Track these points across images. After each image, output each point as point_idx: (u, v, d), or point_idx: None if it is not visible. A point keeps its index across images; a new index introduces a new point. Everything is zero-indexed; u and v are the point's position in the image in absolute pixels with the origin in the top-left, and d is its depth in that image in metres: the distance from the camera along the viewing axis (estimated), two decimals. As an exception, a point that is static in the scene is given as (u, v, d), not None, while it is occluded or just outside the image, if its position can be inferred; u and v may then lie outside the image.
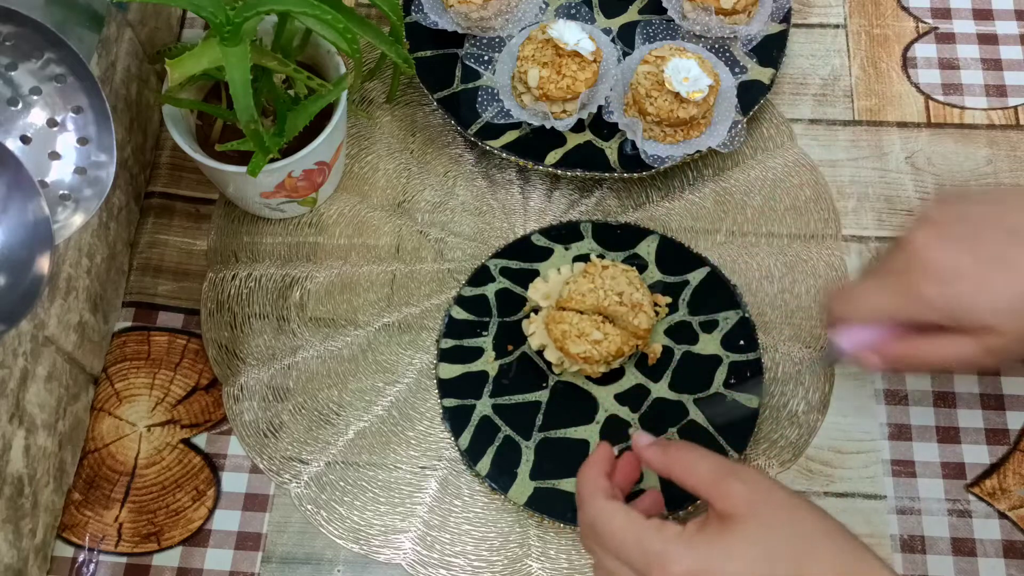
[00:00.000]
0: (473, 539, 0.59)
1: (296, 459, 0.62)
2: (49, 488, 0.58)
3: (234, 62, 0.53)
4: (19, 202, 0.45)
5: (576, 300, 0.59)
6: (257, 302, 0.66)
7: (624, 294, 0.59)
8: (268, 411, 0.63)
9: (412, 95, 0.74)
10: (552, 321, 0.59)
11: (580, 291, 0.59)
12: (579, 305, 0.59)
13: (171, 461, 0.62)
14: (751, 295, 0.66)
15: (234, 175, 0.60)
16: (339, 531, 0.60)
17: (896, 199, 0.70)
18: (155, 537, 0.60)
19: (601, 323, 0.59)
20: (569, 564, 0.58)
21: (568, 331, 0.59)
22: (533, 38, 0.68)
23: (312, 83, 0.60)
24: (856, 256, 0.67)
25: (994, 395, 0.63)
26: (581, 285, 0.60)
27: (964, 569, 0.58)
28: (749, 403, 0.60)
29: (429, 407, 0.63)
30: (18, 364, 0.53)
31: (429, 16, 0.72)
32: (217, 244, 0.69)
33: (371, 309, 0.66)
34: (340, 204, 0.70)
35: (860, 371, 0.63)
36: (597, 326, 0.59)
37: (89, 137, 0.51)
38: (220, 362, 0.64)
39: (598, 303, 0.59)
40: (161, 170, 0.72)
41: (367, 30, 0.57)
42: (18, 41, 0.48)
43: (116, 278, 0.66)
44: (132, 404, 0.63)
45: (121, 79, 0.65)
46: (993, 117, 0.72)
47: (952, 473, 0.60)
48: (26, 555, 0.56)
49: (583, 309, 0.59)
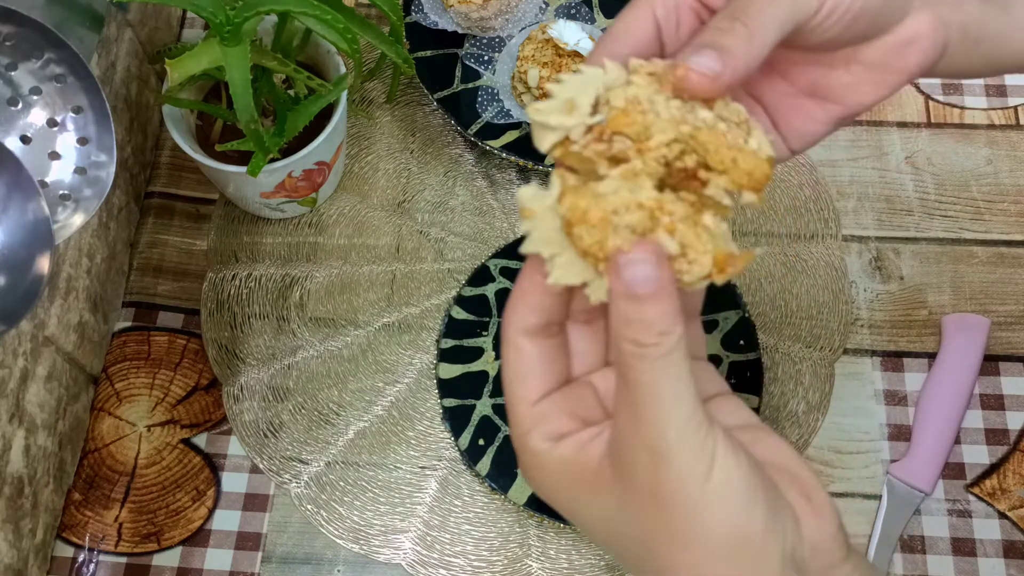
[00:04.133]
0: (473, 539, 0.59)
1: (296, 459, 0.62)
2: (49, 488, 0.58)
3: (234, 62, 0.53)
4: (19, 202, 0.45)
5: (636, 126, 0.29)
6: (257, 302, 0.66)
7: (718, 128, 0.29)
8: (268, 411, 0.63)
9: (412, 95, 0.74)
10: (574, 195, 0.29)
11: (639, 111, 0.29)
12: (640, 145, 0.29)
13: (171, 461, 0.62)
14: (751, 295, 0.66)
15: (234, 175, 0.60)
16: (339, 531, 0.60)
17: (896, 199, 0.70)
18: (155, 537, 0.60)
19: (672, 201, 0.29)
20: (569, 564, 0.58)
21: (610, 203, 0.29)
22: (533, 38, 0.68)
23: (312, 83, 0.60)
24: (856, 256, 0.67)
25: (994, 395, 0.63)
26: (639, 96, 0.29)
27: (964, 569, 0.58)
28: (749, 403, 0.60)
29: (429, 407, 0.63)
30: (18, 364, 0.53)
31: (429, 16, 0.72)
32: (217, 244, 0.69)
33: (371, 309, 0.66)
34: (340, 204, 0.70)
35: (859, 371, 0.63)
36: (664, 208, 0.29)
37: (89, 137, 0.51)
38: (220, 362, 0.64)
39: (685, 138, 0.29)
40: (161, 170, 0.72)
41: (367, 30, 0.57)
42: (18, 41, 0.48)
43: (116, 278, 0.66)
44: (132, 404, 0.63)
45: (121, 79, 0.65)
46: (993, 117, 0.72)
47: (952, 473, 0.60)
48: (26, 555, 0.55)
49: (647, 155, 0.29)
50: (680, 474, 0.28)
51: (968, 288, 0.66)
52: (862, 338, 0.65)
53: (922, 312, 0.66)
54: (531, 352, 0.31)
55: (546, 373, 0.32)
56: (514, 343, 0.32)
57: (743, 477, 0.28)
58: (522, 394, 0.32)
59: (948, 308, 0.66)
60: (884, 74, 0.35)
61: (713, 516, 0.28)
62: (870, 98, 0.36)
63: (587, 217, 0.28)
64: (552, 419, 0.31)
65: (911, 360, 0.64)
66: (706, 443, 0.28)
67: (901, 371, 0.64)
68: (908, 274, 0.67)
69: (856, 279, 0.67)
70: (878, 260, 0.67)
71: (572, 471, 0.31)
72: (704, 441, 0.28)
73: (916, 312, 0.66)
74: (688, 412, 0.28)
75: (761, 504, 0.28)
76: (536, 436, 0.31)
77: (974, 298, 0.66)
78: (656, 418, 0.28)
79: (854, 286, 0.66)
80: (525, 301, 0.31)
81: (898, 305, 0.66)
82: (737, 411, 0.33)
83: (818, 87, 0.36)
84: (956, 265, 0.67)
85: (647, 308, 0.27)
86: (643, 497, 0.29)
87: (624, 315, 0.28)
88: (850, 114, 0.36)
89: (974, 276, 0.67)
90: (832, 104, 0.36)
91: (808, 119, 0.36)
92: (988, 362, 0.63)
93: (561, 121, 0.29)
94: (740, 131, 0.30)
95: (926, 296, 0.66)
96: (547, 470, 0.32)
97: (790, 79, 0.36)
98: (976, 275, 0.67)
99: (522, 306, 0.31)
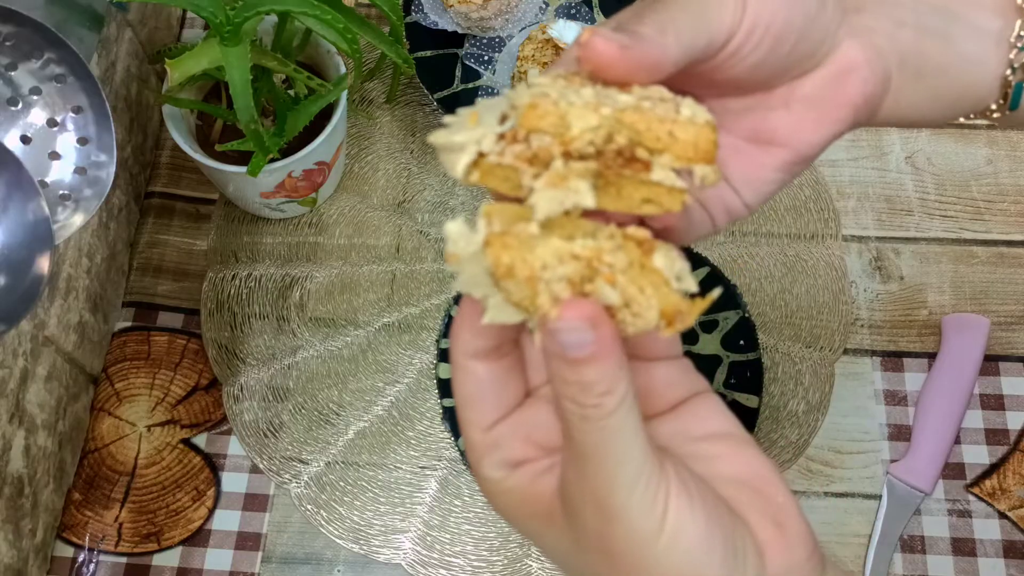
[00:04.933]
0: (473, 539, 0.59)
1: (296, 459, 0.62)
2: (49, 488, 0.58)
3: (234, 62, 0.53)
4: (19, 202, 0.45)
5: (551, 116, 0.26)
6: (257, 302, 0.66)
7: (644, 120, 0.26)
8: (268, 411, 0.63)
9: (412, 95, 0.74)
10: (500, 244, 0.25)
11: (551, 102, 0.26)
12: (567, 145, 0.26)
13: (171, 461, 0.62)
14: (751, 295, 0.66)
15: (234, 175, 0.60)
16: (339, 531, 0.60)
17: (896, 199, 0.69)
18: (155, 537, 0.60)
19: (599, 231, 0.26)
20: (569, 564, 0.58)
21: (539, 257, 0.25)
22: (533, 38, 0.68)
23: (312, 83, 0.60)
24: (856, 256, 0.67)
25: (994, 395, 0.63)
26: (546, 91, 0.26)
27: (964, 569, 0.58)
28: (749, 403, 0.60)
29: (429, 407, 0.63)
30: (18, 364, 0.53)
31: (429, 16, 0.72)
32: (217, 244, 0.69)
33: (371, 309, 0.66)
34: (340, 204, 0.70)
35: (859, 371, 0.63)
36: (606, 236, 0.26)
37: (89, 137, 0.51)
38: (220, 362, 0.64)
39: (612, 134, 0.26)
40: (161, 170, 0.72)
41: (367, 30, 0.57)
42: (18, 41, 0.48)
43: (116, 278, 0.66)
44: (132, 404, 0.63)
45: (121, 79, 0.65)
46: (993, 117, 0.72)
47: (952, 473, 0.60)
48: (26, 555, 0.55)
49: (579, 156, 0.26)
50: (629, 532, 0.27)
51: (968, 288, 0.66)
52: (862, 338, 0.65)
53: (922, 312, 0.66)
54: (481, 375, 0.29)
55: (498, 397, 0.30)
56: (462, 367, 0.30)
57: (697, 528, 0.27)
58: (473, 419, 0.30)
59: (948, 308, 0.66)
60: (826, 109, 0.33)
61: (665, 570, 0.27)
62: (815, 137, 0.33)
63: (513, 273, 0.25)
64: (505, 446, 0.29)
65: (911, 360, 0.64)
66: (657, 498, 0.27)
67: (901, 371, 0.64)
68: (908, 274, 0.67)
69: (856, 279, 0.67)
70: (878, 260, 0.67)
71: (525, 503, 0.29)
72: (655, 497, 0.26)
73: (916, 312, 0.66)
74: (635, 471, 0.26)
75: (718, 550, 0.27)
76: (488, 464, 0.29)
77: (974, 298, 0.66)
78: (601, 479, 0.26)
79: (854, 286, 0.66)
80: (470, 326, 0.29)
81: (898, 305, 0.66)
82: (714, 416, 0.31)
83: (760, 132, 0.34)
84: (956, 265, 0.67)
85: (584, 371, 0.25)
86: (593, 546, 0.28)
87: (560, 376, 0.26)
88: (799, 157, 0.34)
89: (974, 276, 0.67)
90: (777, 148, 0.34)
91: (756, 166, 0.34)
92: (988, 362, 0.63)
93: (468, 135, 0.26)
94: (668, 105, 0.26)
95: (926, 296, 0.66)
96: (501, 499, 0.30)
97: (728, 127, 0.34)
98: (976, 275, 0.67)
99: (467, 332, 0.29)
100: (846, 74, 0.33)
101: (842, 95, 0.33)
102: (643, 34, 0.28)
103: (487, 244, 0.25)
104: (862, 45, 0.33)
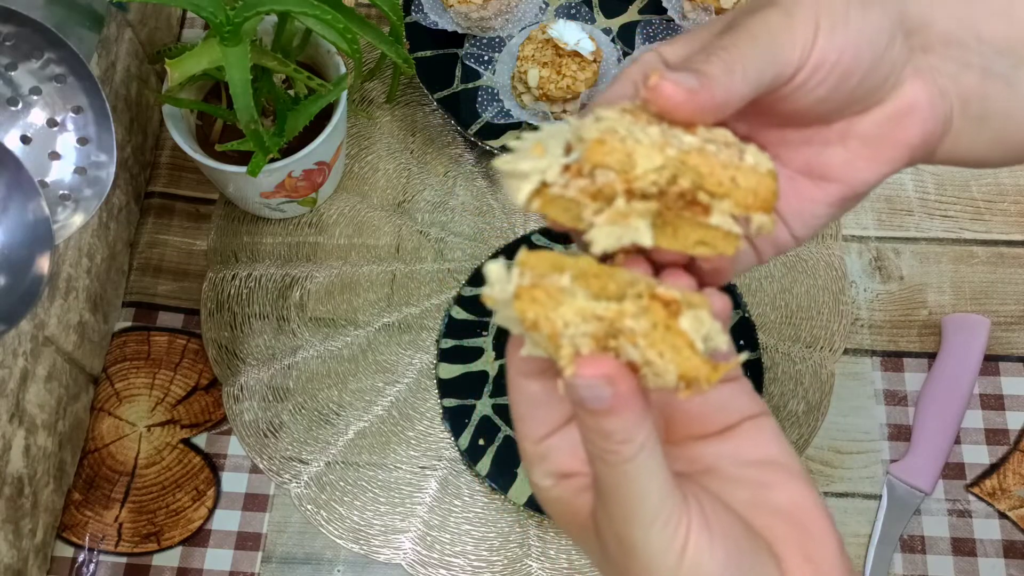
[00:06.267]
0: (473, 539, 0.59)
1: (296, 459, 0.62)
2: (49, 488, 0.58)
3: (234, 62, 0.53)
4: (19, 202, 0.45)
5: (617, 154, 0.26)
6: (257, 302, 0.66)
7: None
8: (268, 411, 0.63)
9: (412, 95, 0.74)
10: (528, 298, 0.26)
11: (618, 139, 0.26)
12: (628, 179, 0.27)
13: (171, 461, 0.62)
14: (751, 295, 0.66)
15: (234, 175, 0.60)
16: (339, 531, 0.60)
17: (896, 199, 0.69)
18: (155, 537, 0.60)
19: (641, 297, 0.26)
20: (569, 564, 0.58)
21: (561, 316, 0.26)
22: (533, 38, 0.68)
23: (312, 83, 0.60)
24: (856, 256, 0.67)
25: (994, 395, 0.63)
26: (614, 126, 0.27)
27: (964, 569, 0.58)
28: (749, 403, 0.60)
29: (429, 407, 0.63)
30: (18, 364, 0.53)
31: (429, 16, 0.72)
32: (217, 244, 0.69)
33: (371, 309, 0.66)
34: (340, 204, 0.70)
35: (859, 371, 0.63)
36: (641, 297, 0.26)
37: (89, 137, 0.51)
38: (220, 362, 0.64)
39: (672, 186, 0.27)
40: (161, 170, 0.72)
41: (367, 30, 0.57)
42: (18, 41, 0.48)
43: (116, 278, 0.66)
44: (132, 404, 0.63)
45: (121, 79, 0.65)
46: (993, 117, 0.72)
47: (952, 473, 0.60)
48: (26, 555, 0.55)
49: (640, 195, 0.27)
50: (647, 565, 0.27)
51: (968, 288, 0.66)
52: (862, 338, 0.65)
53: (922, 312, 0.66)
54: (532, 392, 0.31)
55: (548, 413, 0.31)
56: (515, 384, 0.31)
57: (716, 563, 0.27)
58: (525, 432, 0.31)
59: (948, 308, 0.66)
60: (882, 148, 0.33)
61: None
62: (869, 175, 0.33)
63: (537, 327, 0.26)
64: (553, 458, 0.31)
65: (911, 360, 0.64)
66: (676, 534, 0.27)
67: (901, 371, 0.64)
68: (908, 274, 0.67)
69: (856, 279, 0.67)
70: (878, 260, 0.67)
71: (568, 512, 0.31)
72: (674, 533, 0.27)
73: (916, 312, 0.66)
74: (653, 510, 0.27)
75: None
76: (538, 473, 0.31)
77: (974, 298, 0.66)
78: (620, 516, 0.27)
79: (854, 286, 0.66)
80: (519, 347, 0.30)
81: (898, 305, 0.66)
82: (765, 442, 0.31)
83: (814, 166, 0.34)
84: (956, 265, 0.67)
85: (602, 422, 0.26)
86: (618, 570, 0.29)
87: (581, 420, 0.27)
88: (852, 194, 0.34)
89: (974, 276, 0.67)
90: (829, 183, 0.33)
91: (807, 201, 0.34)
92: (988, 362, 0.63)
93: (534, 164, 0.26)
94: (732, 151, 0.27)
95: (926, 296, 0.66)
96: (550, 505, 0.32)
97: (784, 160, 0.34)
98: (976, 275, 0.67)
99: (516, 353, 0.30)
100: (907, 114, 0.32)
101: (901, 135, 0.33)
102: (710, 75, 0.28)
103: (516, 297, 0.26)
104: (926, 85, 0.33)
